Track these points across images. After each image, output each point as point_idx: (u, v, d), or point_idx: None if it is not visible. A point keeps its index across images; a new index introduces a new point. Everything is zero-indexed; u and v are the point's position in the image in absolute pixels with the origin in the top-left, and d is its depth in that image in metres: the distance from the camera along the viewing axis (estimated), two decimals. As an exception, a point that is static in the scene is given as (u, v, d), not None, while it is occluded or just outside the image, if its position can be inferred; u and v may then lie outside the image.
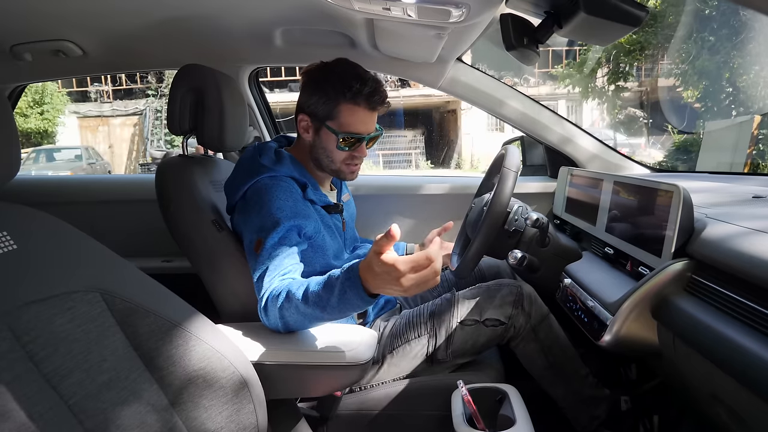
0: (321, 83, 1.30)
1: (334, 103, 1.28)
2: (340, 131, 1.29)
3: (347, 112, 1.29)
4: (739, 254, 0.83)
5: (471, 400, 1.07)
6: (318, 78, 1.31)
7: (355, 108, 1.29)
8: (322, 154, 1.34)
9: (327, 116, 1.30)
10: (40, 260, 0.75)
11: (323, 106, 1.29)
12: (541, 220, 1.40)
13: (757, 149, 8.25)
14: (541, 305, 1.36)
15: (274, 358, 1.05)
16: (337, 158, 1.34)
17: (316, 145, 1.34)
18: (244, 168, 1.31)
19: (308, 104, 1.32)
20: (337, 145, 1.31)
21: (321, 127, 1.31)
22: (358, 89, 1.27)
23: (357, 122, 1.30)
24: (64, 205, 2.10)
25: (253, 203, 1.23)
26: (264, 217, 1.19)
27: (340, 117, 1.29)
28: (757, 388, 0.72)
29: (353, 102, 1.28)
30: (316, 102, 1.30)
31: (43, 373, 0.68)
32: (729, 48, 10.14)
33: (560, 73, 14.78)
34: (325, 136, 1.31)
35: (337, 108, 1.29)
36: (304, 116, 1.33)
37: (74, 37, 1.67)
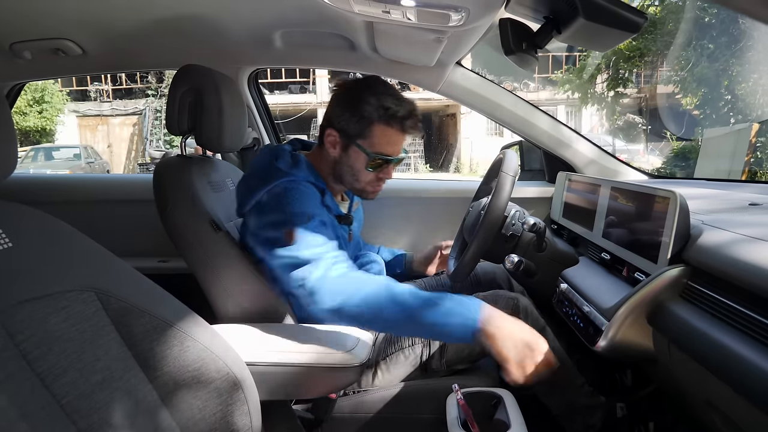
0: (356, 100, 1.27)
1: (368, 122, 1.26)
2: (371, 151, 1.27)
3: (380, 133, 1.27)
4: (734, 261, 0.83)
5: (466, 404, 1.07)
6: (353, 94, 1.28)
7: (389, 129, 1.27)
8: (347, 172, 1.32)
9: (358, 134, 1.27)
10: (36, 258, 0.75)
11: (356, 124, 1.27)
12: (539, 225, 1.41)
13: (755, 157, 8.28)
14: (537, 318, 1.34)
15: (268, 359, 1.05)
16: (363, 178, 1.32)
17: (341, 162, 1.31)
18: (259, 172, 1.28)
19: (339, 120, 1.29)
20: (366, 166, 1.29)
21: (350, 145, 1.29)
22: (394, 111, 1.25)
23: (388, 144, 1.29)
24: (62, 204, 2.10)
25: (272, 206, 1.21)
26: (289, 213, 1.17)
27: (372, 137, 1.27)
28: (751, 395, 0.72)
29: (387, 123, 1.26)
30: (349, 119, 1.27)
31: (36, 372, 0.67)
32: (728, 56, 10.18)
33: (560, 78, 14.83)
34: (354, 154, 1.29)
35: (371, 128, 1.26)
36: (333, 131, 1.30)
37: (74, 36, 1.67)
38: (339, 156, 1.31)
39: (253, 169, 1.31)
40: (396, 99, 1.27)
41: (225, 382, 0.87)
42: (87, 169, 12.82)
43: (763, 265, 0.77)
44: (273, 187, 1.22)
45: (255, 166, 1.31)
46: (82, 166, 12.71)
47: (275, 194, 1.21)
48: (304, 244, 1.14)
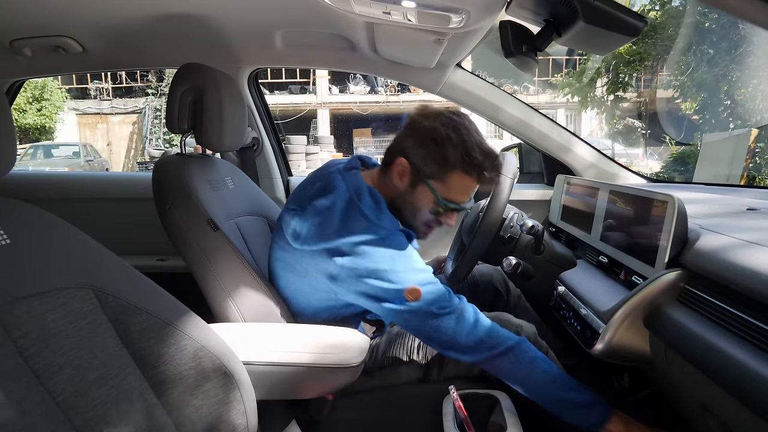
0: (439, 140, 1.18)
1: (448, 167, 1.18)
2: (441, 196, 1.21)
3: (457, 180, 1.20)
4: (732, 266, 0.84)
5: (462, 406, 1.07)
6: (437, 132, 1.18)
7: (467, 178, 1.20)
8: (408, 208, 1.25)
9: (433, 177, 1.20)
10: (34, 255, 0.75)
11: (433, 164, 1.19)
12: (537, 228, 1.41)
13: (754, 162, 8.30)
14: (540, 346, 1.29)
15: (265, 359, 1.05)
16: (422, 218, 1.25)
17: (405, 196, 1.24)
18: (339, 211, 1.15)
19: (415, 154, 1.20)
20: (432, 209, 1.23)
21: (420, 183, 1.21)
22: (479, 162, 1.18)
23: (461, 192, 1.22)
24: (60, 201, 2.10)
25: (375, 260, 1.12)
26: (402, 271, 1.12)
27: (447, 182, 1.20)
28: (747, 399, 0.73)
29: (467, 172, 1.19)
30: (426, 157, 1.19)
31: (32, 369, 0.67)
32: (728, 61, 10.20)
33: (560, 82, 14.84)
34: (422, 193, 1.22)
35: (449, 173, 1.19)
36: (406, 163, 1.21)
37: (74, 33, 1.67)
38: (404, 190, 1.23)
39: (330, 203, 1.16)
40: (482, 148, 1.19)
41: (221, 381, 0.87)
42: (86, 167, 12.80)
43: (760, 269, 0.77)
44: (365, 240, 1.11)
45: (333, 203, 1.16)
46: (81, 164, 12.69)
47: (372, 247, 1.11)
48: (428, 301, 1.11)
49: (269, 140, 2.19)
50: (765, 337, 0.73)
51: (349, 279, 1.13)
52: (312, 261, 1.16)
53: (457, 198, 1.22)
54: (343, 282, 1.14)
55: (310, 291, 1.22)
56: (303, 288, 1.22)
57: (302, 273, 1.19)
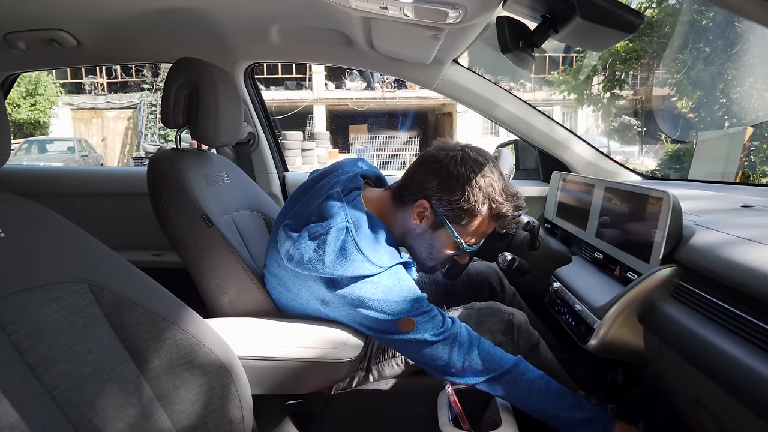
0: (465, 186, 1.16)
1: (473, 214, 1.18)
2: (462, 240, 1.20)
3: (481, 224, 1.20)
4: (726, 262, 0.84)
5: (457, 401, 1.07)
6: (463, 177, 1.16)
7: (491, 222, 1.21)
8: (423, 246, 1.23)
9: (456, 221, 1.19)
10: (28, 250, 0.75)
11: (459, 212, 1.17)
12: (532, 224, 1.41)
13: (749, 160, 8.33)
14: (532, 334, 1.32)
15: (260, 353, 1.05)
16: (439, 258, 1.24)
17: (423, 237, 1.22)
18: (335, 244, 1.08)
19: (440, 198, 1.18)
20: (451, 248, 1.22)
21: (442, 227, 1.20)
22: (505, 212, 1.20)
23: (481, 234, 1.23)
24: (55, 196, 2.09)
25: (370, 296, 1.08)
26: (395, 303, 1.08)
27: (471, 228, 1.20)
28: (740, 394, 0.73)
29: (492, 218, 1.20)
30: (451, 203, 1.17)
31: (27, 363, 0.67)
32: (724, 59, 10.22)
33: (556, 79, 14.85)
34: (443, 236, 1.20)
35: (474, 220, 1.19)
36: (428, 205, 1.18)
37: (69, 26, 1.66)
38: (423, 231, 1.21)
39: (325, 231, 1.10)
40: (507, 193, 1.20)
41: (217, 375, 0.87)
42: (81, 162, 12.74)
43: (754, 266, 0.78)
44: (358, 275, 1.07)
45: (328, 231, 1.10)
46: (76, 159, 12.63)
47: (366, 282, 1.08)
48: (422, 329, 1.09)
49: (265, 135, 2.18)
50: (759, 333, 0.73)
51: (342, 306, 1.11)
52: (305, 284, 1.13)
53: (476, 240, 1.23)
54: (336, 308, 1.13)
55: (301, 308, 1.19)
56: (294, 304, 1.19)
57: (294, 292, 1.17)
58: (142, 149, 15.52)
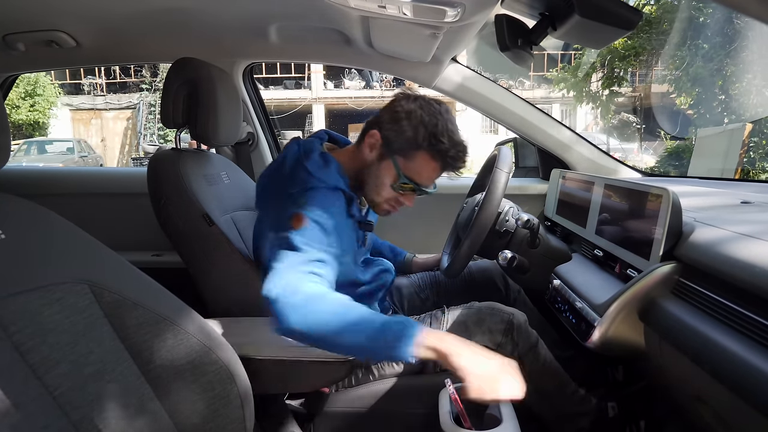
0: (413, 119, 1.23)
1: (415, 146, 1.23)
2: (403, 173, 1.25)
3: (422, 160, 1.24)
4: (726, 258, 0.84)
5: (458, 399, 1.07)
6: (413, 112, 1.24)
7: (431, 161, 1.25)
8: (371, 181, 1.28)
9: (400, 152, 1.24)
10: (29, 250, 0.75)
11: (403, 141, 1.23)
12: (532, 222, 1.41)
13: (748, 156, 8.33)
14: (531, 334, 1.32)
15: (261, 353, 1.05)
16: (383, 193, 1.29)
17: (371, 168, 1.28)
18: (286, 170, 1.22)
19: (390, 128, 1.25)
20: (392, 184, 1.26)
21: (387, 157, 1.25)
22: (445, 149, 1.23)
23: (424, 174, 1.26)
24: (55, 196, 2.09)
25: (293, 200, 1.15)
26: (306, 207, 1.12)
27: (412, 162, 1.24)
28: (741, 391, 0.73)
29: (432, 155, 1.24)
30: (398, 132, 1.24)
31: (29, 364, 0.67)
32: (722, 56, 10.21)
33: (555, 76, 14.81)
34: (386, 167, 1.26)
35: (415, 153, 1.24)
36: (378, 135, 1.26)
37: (68, 27, 1.66)
38: (371, 161, 1.27)
39: (280, 166, 1.24)
40: (451, 136, 1.24)
41: (218, 375, 0.87)
42: (80, 162, 12.74)
43: (754, 262, 0.78)
44: (300, 190, 1.16)
45: (283, 163, 1.24)
46: (75, 160, 12.63)
47: (297, 195, 1.16)
48: (304, 235, 1.07)
49: (264, 135, 2.18)
50: (759, 329, 0.73)
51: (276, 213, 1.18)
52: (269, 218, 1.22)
53: (418, 178, 1.26)
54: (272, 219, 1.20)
55: None
56: None
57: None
58: (142, 149, 15.51)
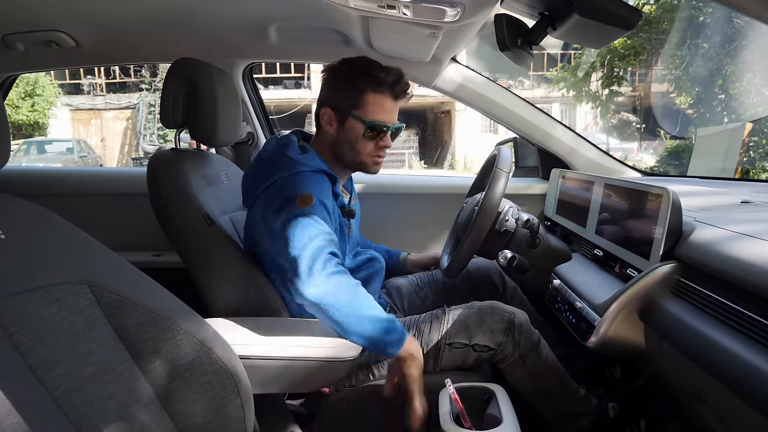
0: (346, 75, 1.31)
1: (360, 92, 1.29)
2: (367, 119, 1.30)
3: (373, 101, 1.30)
4: (726, 258, 0.84)
5: (458, 399, 1.07)
6: (342, 71, 1.32)
7: (381, 97, 1.30)
8: (346, 147, 1.34)
9: (352, 106, 1.30)
10: (29, 250, 0.75)
11: (348, 96, 1.30)
12: (532, 221, 1.41)
13: (748, 156, 8.32)
14: (532, 333, 1.32)
15: (261, 353, 1.05)
16: (362, 149, 1.34)
17: (340, 138, 1.34)
18: (269, 162, 1.29)
19: (332, 96, 1.33)
20: (364, 134, 1.31)
21: (346, 118, 1.31)
22: (383, 78, 1.28)
23: (382, 111, 1.31)
24: (55, 196, 2.09)
25: (281, 189, 1.22)
26: (297, 194, 1.19)
27: (366, 106, 1.30)
28: (741, 390, 0.73)
29: (379, 91, 1.29)
30: (341, 93, 1.31)
31: (28, 364, 0.67)
32: (722, 55, 10.20)
33: (555, 76, 14.82)
34: (351, 126, 1.31)
35: (363, 97, 1.29)
36: (327, 109, 1.33)
37: (67, 28, 1.66)
38: (336, 132, 1.33)
39: (262, 159, 1.32)
40: (384, 68, 1.30)
41: (218, 375, 0.87)
42: (80, 163, 12.72)
43: (754, 261, 0.78)
44: (285, 176, 1.23)
45: (264, 156, 1.32)
46: (75, 160, 12.61)
47: (285, 179, 1.23)
48: (304, 225, 1.15)
49: (264, 135, 2.19)
50: (760, 328, 0.73)
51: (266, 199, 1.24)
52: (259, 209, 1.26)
53: (382, 118, 1.31)
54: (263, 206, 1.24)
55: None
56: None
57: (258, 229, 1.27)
58: (141, 149, 15.50)
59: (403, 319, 1.37)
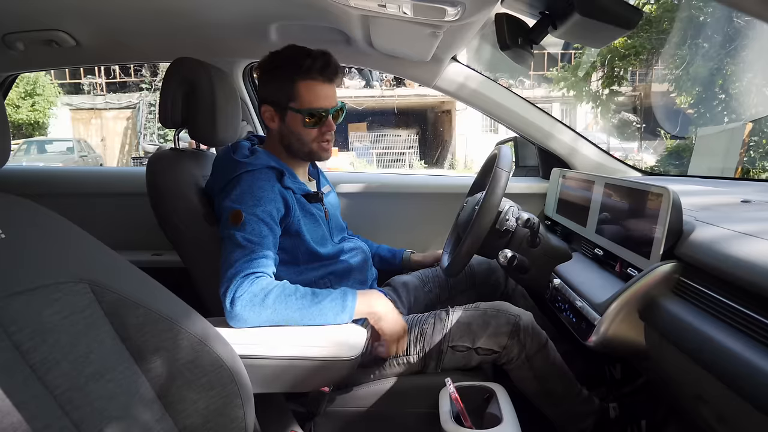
0: (274, 70, 1.33)
1: (290, 83, 1.31)
2: (303, 109, 1.32)
3: (305, 90, 1.31)
4: (726, 257, 0.84)
5: (459, 398, 1.07)
6: (270, 66, 1.34)
7: (312, 83, 1.32)
8: (292, 139, 1.36)
9: (287, 99, 1.32)
10: (29, 250, 0.75)
11: (281, 90, 1.32)
12: (532, 221, 1.41)
13: (748, 155, 8.32)
14: (539, 335, 1.32)
15: (262, 352, 1.05)
16: (307, 138, 1.35)
17: (284, 132, 1.36)
18: (220, 167, 1.33)
19: (267, 94, 1.35)
20: (304, 124, 1.33)
21: (285, 112, 1.34)
22: (309, 64, 1.30)
23: (317, 98, 1.33)
24: (55, 196, 2.09)
25: (224, 197, 1.26)
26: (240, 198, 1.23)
27: (300, 96, 1.31)
28: (742, 390, 0.73)
29: (308, 78, 1.31)
30: (274, 89, 1.33)
31: (29, 364, 0.67)
32: (722, 55, 10.20)
33: (555, 76, 14.81)
34: (291, 119, 1.34)
35: (295, 87, 1.31)
36: (267, 106, 1.35)
37: (67, 27, 1.66)
38: (279, 127, 1.36)
39: (216, 166, 1.36)
40: (309, 54, 1.31)
41: (218, 375, 0.87)
42: (80, 162, 12.72)
43: (755, 260, 0.78)
44: (230, 179, 1.27)
45: (216, 163, 1.36)
46: (75, 160, 12.62)
47: (229, 183, 1.27)
48: (231, 247, 1.17)
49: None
50: (760, 328, 0.73)
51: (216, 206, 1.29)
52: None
53: (319, 104, 1.33)
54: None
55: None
56: None
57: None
58: (142, 149, 15.49)
59: (406, 318, 1.36)
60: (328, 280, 1.37)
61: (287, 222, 1.29)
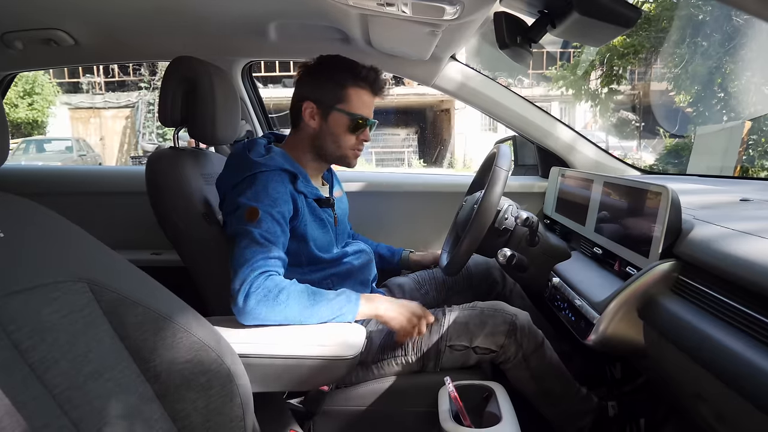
0: (327, 70, 1.35)
1: (342, 86, 1.33)
2: (350, 112, 1.33)
3: (355, 96, 1.34)
4: (725, 256, 0.84)
5: (458, 397, 1.07)
6: (322, 67, 1.36)
7: (362, 92, 1.35)
8: (329, 140, 1.36)
9: (336, 100, 1.33)
10: (28, 249, 0.74)
11: (331, 90, 1.33)
12: (531, 219, 1.41)
13: (747, 154, 8.33)
14: (536, 335, 1.32)
15: (261, 351, 1.05)
16: (345, 143, 1.37)
17: (322, 132, 1.36)
18: (234, 164, 1.32)
19: (314, 91, 1.35)
20: (347, 128, 1.35)
21: (330, 112, 1.34)
22: (365, 74, 1.34)
23: (364, 105, 1.36)
24: (54, 195, 2.09)
25: (242, 189, 1.25)
26: (255, 197, 1.22)
27: (350, 100, 1.34)
28: (741, 389, 0.73)
29: (360, 86, 1.34)
30: (324, 87, 1.34)
31: (28, 363, 0.67)
32: (721, 53, 10.20)
33: (554, 74, 14.81)
34: (335, 120, 1.34)
35: (346, 91, 1.33)
36: (310, 103, 1.35)
37: (66, 26, 1.65)
38: (319, 126, 1.36)
39: (229, 162, 1.35)
40: (363, 65, 1.35)
41: (218, 374, 0.87)
42: (79, 161, 12.71)
43: (754, 259, 0.78)
44: (245, 177, 1.26)
45: (229, 160, 1.35)
46: (74, 159, 12.60)
47: (243, 181, 1.25)
48: (246, 243, 1.17)
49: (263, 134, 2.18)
50: (759, 326, 0.73)
51: (227, 203, 1.27)
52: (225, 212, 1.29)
53: (363, 112, 1.36)
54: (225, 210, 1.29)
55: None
56: None
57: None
58: (141, 148, 15.50)
59: None
60: (330, 281, 1.37)
61: (293, 225, 1.29)
